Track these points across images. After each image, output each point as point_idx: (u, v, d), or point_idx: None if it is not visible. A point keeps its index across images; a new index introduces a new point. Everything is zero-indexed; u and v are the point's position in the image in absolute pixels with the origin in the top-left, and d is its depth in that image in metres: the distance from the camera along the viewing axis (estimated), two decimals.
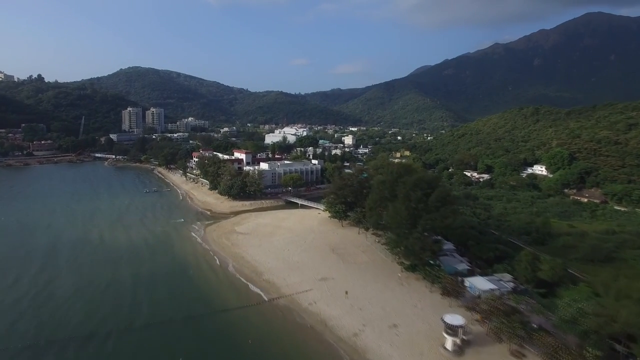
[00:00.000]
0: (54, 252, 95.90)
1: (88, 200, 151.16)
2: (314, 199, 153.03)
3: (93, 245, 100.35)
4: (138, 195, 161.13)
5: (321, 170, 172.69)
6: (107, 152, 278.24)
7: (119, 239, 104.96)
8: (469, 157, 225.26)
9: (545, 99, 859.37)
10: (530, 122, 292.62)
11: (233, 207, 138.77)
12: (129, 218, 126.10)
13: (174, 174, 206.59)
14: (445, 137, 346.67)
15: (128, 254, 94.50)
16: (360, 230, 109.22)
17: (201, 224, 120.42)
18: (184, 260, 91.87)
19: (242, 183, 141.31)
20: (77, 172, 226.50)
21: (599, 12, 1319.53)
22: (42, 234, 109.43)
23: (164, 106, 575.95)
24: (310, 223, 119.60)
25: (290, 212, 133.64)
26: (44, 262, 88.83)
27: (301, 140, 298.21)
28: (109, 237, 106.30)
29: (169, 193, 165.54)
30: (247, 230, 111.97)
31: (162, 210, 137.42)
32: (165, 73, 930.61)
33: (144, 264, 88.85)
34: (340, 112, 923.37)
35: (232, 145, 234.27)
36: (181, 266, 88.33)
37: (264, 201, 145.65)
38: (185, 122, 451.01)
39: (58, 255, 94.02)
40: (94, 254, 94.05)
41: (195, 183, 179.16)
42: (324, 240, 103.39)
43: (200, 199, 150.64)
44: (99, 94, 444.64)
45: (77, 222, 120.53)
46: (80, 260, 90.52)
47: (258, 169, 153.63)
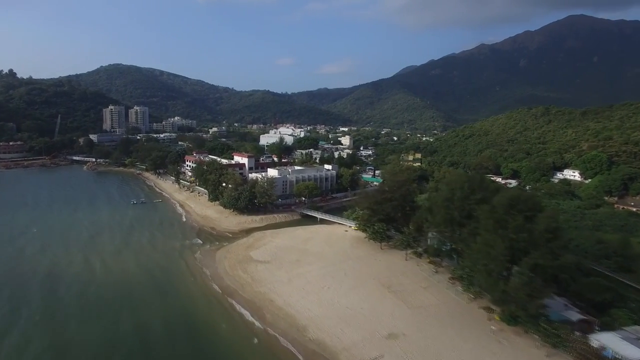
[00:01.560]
0: (22, 298, 71.41)
1: (64, 215, 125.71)
2: (333, 211, 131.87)
3: (69, 287, 75.75)
4: (124, 207, 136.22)
5: (336, 177, 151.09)
6: (87, 155, 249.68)
7: (101, 277, 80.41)
8: (487, 160, 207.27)
9: (533, 99, 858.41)
10: (542, 123, 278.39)
11: (241, 223, 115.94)
12: (113, 241, 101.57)
13: (164, 180, 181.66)
14: (449, 137, 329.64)
15: (112, 304, 68.45)
16: (408, 255, 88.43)
17: (206, 247, 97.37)
18: (191, 311, 67.40)
19: (250, 194, 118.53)
20: (51, 178, 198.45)
21: (582, 15, 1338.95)
22: (5, 267, 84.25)
23: (147, 105, 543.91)
24: (341, 245, 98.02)
25: (312, 230, 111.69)
26: (7, 319, 64.28)
27: (300, 142, 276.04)
28: (89, 273, 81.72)
29: (161, 205, 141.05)
30: (267, 256, 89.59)
31: (155, 227, 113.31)
32: (147, 71, 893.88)
33: (134, 321, 63.24)
34: (329, 112, 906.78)
35: (229, 147, 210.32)
36: (189, 323, 62.99)
37: (277, 215, 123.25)
38: (171, 122, 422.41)
39: (28, 302, 69.68)
40: (69, 304, 69.27)
41: (190, 192, 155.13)
42: (367, 270, 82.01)
43: (199, 213, 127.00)
44: (78, 91, 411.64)
45: (51, 249, 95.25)
46: (56, 313, 66.21)
47: (267, 177, 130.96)
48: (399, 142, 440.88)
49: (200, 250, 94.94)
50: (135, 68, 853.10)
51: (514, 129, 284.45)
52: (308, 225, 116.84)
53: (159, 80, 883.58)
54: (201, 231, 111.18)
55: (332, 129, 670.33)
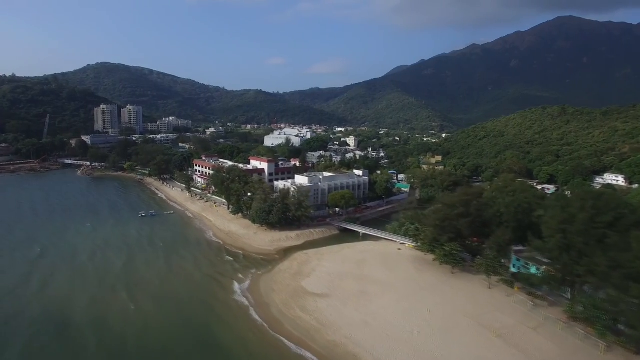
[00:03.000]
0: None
1: (67, 230, 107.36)
2: (370, 223, 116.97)
3: (99, 338, 58.23)
4: (133, 220, 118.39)
5: (369, 184, 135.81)
6: (80, 158, 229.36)
7: (136, 322, 62.83)
8: (516, 163, 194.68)
9: (527, 99, 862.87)
10: (560, 123, 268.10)
11: (275, 241, 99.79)
12: (125, 266, 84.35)
13: (171, 187, 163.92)
14: (460, 138, 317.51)
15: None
16: (491, 282, 73.82)
17: (242, 274, 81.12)
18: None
19: (283, 206, 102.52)
20: (43, 184, 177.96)
21: (570, 16, 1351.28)
22: (8, 309, 65.43)
23: (138, 104, 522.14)
24: (404, 269, 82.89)
25: (359, 249, 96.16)
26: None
27: (309, 143, 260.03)
28: (120, 316, 64.19)
29: (175, 218, 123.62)
30: (323, 287, 73.89)
31: (176, 248, 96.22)
32: (136, 70, 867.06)
33: None
34: (323, 112, 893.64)
35: (239, 150, 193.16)
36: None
37: (313, 230, 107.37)
38: (166, 122, 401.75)
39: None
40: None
41: (204, 202, 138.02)
42: (452, 304, 67.05)
43: (222, 228, 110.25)
44: (66, 90, 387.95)
45: (63, 279, 77.53)
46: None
47: (298, 186, 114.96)
48: (403, 142, 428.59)
49: (238, 278, 78.65)
50: (123, 67, 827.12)
51: (531, 129, 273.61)
52: (351, 243, 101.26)
53: (148, 79, 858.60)
54: (230, 252, 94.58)
55: (328, 129, 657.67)
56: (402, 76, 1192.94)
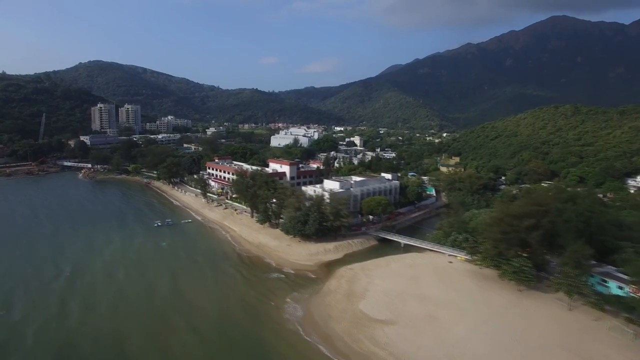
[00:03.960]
0: None
1: (89, 245, 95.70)
2: (405, 231, 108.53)
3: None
4: (147, 230, 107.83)
5: (400, 188, 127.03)
6: (80, 160, 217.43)
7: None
8: (539, 165, 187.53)
9: (524, 98, 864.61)
10: (575, 123, 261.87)
11: (313, 254, 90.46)
12: (167, 287, 74.25)
13: (183, 192, 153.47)
14: (470, 138, 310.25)
15: None
16: (571, 302, 65.61)
17: (288, 296, 71.74)
18: None
19: (319, 215, 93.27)
20: (44, 189, 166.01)
21: (564, 16, 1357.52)
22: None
23: (132, 103, 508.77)
24: (464, 287, 74.34)
25: (406, 262, 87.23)
26: None
27: (319, 144, 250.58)
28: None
29: (194, 227, 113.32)
30: (384, 311, 65.00)
31: (205, 264, 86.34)
32: (130, 68, 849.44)
33: None
34: (321, 111, 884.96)
35: (252, 152, 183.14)
36: None
37: (350, 241, 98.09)
38: (165, 122, 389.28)
39: None
40: None
41: (223, 208, 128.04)
42: (536, 331, 58.65)
43: (250, 240, 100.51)
44: (60, 88, 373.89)
45: (89, 309, 65.67)
46: None
47: (330, 192, 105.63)
48: (407, 142, 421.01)
49: (286, 301, 69.34)
50: (116, 65, 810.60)
51: (545, 129, 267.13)
52: (394, 255, 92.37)
53: (142, 77, 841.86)
54: (266, 268, 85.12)
55: (327, 128, 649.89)
56: (397, 75, 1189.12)
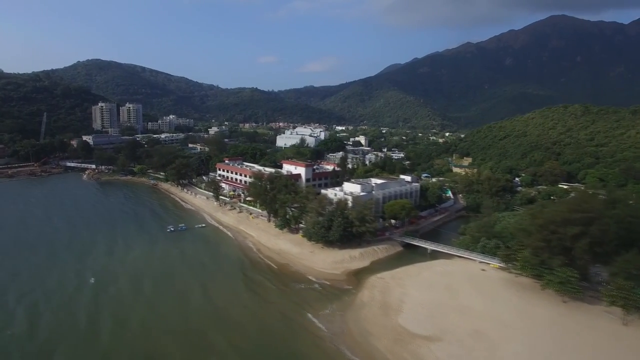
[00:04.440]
0: None
1: (107, 251, 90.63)
2: (427, 236, 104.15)
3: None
4: (161, 236, 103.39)
5: (420, 191, 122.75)
6: (83, 160, 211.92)
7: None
8: (556, 166, 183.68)
9: (524, 97, 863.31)
10: (586, 123, 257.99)
11: (338, 262, 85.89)
12: (182, 303, 68.62)
13: (193, 194, 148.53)
14: (477, 138, 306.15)
15: None
16: (626, 316, 61.43)
17: (320, 308, 67.17)
18: None
19: (343, 221, 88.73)
20: (49, 191, 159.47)
21: (563, 15, 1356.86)
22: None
23: (132, 102, 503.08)
24: (504, 297, 70.14)
25: (437, 270, 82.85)
26: None
27: (327, 144, 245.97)
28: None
29: (209, 232, 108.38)
30: (426, 325, 60.63)
31: (228, 271, 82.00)
32: (129, 67, 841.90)
33: None
34: (321, 110, 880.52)
35: (262, 152, 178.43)
36: None
37: (376, 247, 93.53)
38: (167, 121, 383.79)
39: None
40: None
41: (237, 212, 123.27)
42: (601, 353, 54.46)
43: (270, 246, 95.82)
44: (60, 86, 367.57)
45: (123, 327, 60.09)
46: None
47: (352, 195, 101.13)
48: (412, 142, 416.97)
49: (319, 315, 64.79)
50: (115, 64, 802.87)
51: (555, 129, 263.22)
52: (423, 262, 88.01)
53: (141, 76, 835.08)
54: (291, 277, 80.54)
55: (329, 128, 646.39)
56: (397, 74, 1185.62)
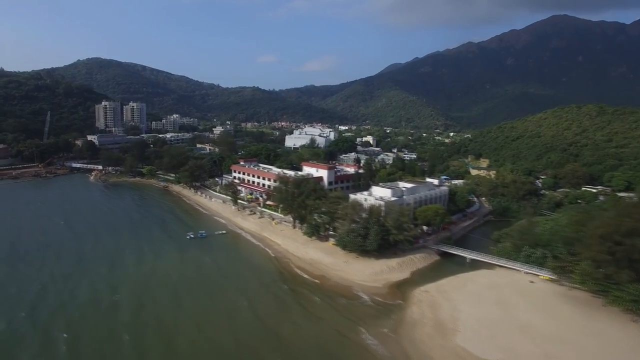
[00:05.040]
0: None
1: (111, 263, 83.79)
2: (460, 242, 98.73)
3: None
4: (181, 244, 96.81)
5: (448, 195, 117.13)
6: (88, 161, 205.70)
7: None
8: (578, 169, 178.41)
9: (526, 97, 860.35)
10: (601, 123, 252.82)
11: (377, 273, 79.95)
12: (230, 321, 62.25)
13: (207, 196, 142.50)
14: (489, 139, 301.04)
15: None
16: None
17: (368, 328, 61.28)
18: None
19: (380, 229, 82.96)
20: (55, 194, 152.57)
21: (565, 15, 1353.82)
22: None
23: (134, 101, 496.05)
24: (564, 313, 64.34)
25: (482, 282, 77.04)
26: None
27: (337, 144, 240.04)
28: None
29: (230, 239, 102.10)
30: (490, 347, 54.77)
31: (268, 284, 75.85)
32: (129, 65, 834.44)
33: None
34: (323, 110, 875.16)
35: (276, 153, 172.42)
36: None
37: (413, 256, 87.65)
38: (172, 120, 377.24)
39: None
40: None
41: (258, 217, 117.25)
42: None
43: (299, 255, 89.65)
44: (62, 85, 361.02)
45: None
46: None
47: (383, 200, 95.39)
48: (419, 142, 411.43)
49: (368, 336, 58.98)
50: (115, 62, 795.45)
51: (570, 130, 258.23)
52: (466, 273, 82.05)
53: (141, 75, 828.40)
54: (329, 290, 74.46)
55: (331, 127, 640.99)
56: (398, 74, 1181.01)
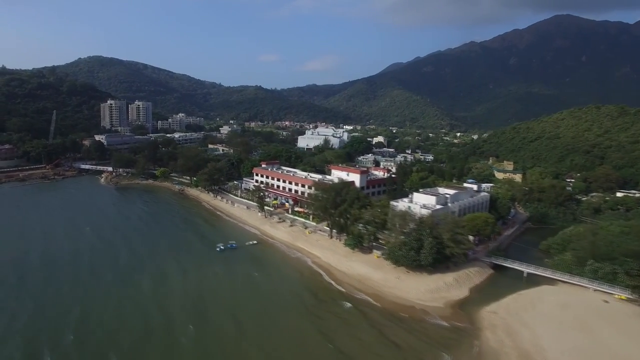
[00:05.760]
0: None
1: (149, 278, 76.15)
2: (508, 253, 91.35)
3: None
4: (214, 257, 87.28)
5: (490, 202, 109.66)
6: (97, 162, 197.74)
7: None
8: (611, 172, 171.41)
9: (530, 97, 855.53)
10: (624, 124, 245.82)
11: (433, 291, 72.36)
12: (308, 352, 54.89)
13: (228, 201, 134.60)
14: (504, 139, 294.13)
15: None
16: None
17: (460, 357, 53.82)
18: None
19: (435, 242, 75.48)
20: (66, 198, 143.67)
21: (568, 15, 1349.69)
22: None
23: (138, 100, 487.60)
24: None
25: (552, 300, 69.30)
26: None
27: (353, 145, 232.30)
28: None
29: (264, 250, 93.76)
30: None
31: (329, 304, 68.01)
32: (130, 64, 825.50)
33: None
34: (327, 109, 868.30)
35: (297, 155, 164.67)
36: None
37: (467, 270, 79.99)
38: (178, 119, 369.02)
39: None
40: None
41: (288, 224, 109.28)
42: None
43: (344, 270, 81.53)
44: (66, 83, 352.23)
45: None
46: None
47: (428, 208, 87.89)
48: (430, 142, 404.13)
49: None
50: (117, 61, 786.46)
51: (590, 131, 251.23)
52: (528, 290, 74.21)
53: (143, 74, 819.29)
54: (396, 310, 66.45)
55: (336, 126, 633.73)
56: (400, 73, 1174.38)
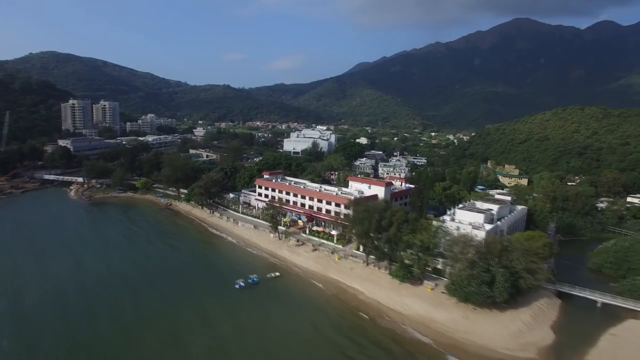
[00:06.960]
0: None
1: (177, 335, 59.60)
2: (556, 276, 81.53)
3: None
4: (230, 298, 70.59)
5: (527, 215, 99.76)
6: (62, 171, 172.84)
7: None
8: (619, 175, 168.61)
9: (495, 97, 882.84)
10: (610, 126, 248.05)
11: (516, 334, 59.72)
12: None
13: (229, 219, 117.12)
14: (490, 141, 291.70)
15: None
16: None
17: None
18: None
19: (508, 273, 63.58)
20: (32, 219, 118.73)
21: (527, 18, 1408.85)
22: None
23: (95, 99, 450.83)
24: None
25: None
26: None
27: (346, 149, 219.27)
28: None
29: (290, 283, 77.03)
30: None
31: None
32: (89, 61, 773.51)
33: None
34: (299, 108, 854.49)
35: (297, 163, 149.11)
36: None
37: (537, 303, 68.42)
38: (148, 121, 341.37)
39: None
40: None
41: (311, 249, 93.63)
42: None
43: (397, 308, 67.38)
44: (19, 80, 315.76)
45: None
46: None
47: (486, 230, 76.04)
48: (412, 142, 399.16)
49: None
50: (74, 57, 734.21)
51: (579, 132, 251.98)
52: (616, 327, 63.57)
53: (103, 71, 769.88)
54: None
55: (308, 127, 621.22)
56: (368, 73, 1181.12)
